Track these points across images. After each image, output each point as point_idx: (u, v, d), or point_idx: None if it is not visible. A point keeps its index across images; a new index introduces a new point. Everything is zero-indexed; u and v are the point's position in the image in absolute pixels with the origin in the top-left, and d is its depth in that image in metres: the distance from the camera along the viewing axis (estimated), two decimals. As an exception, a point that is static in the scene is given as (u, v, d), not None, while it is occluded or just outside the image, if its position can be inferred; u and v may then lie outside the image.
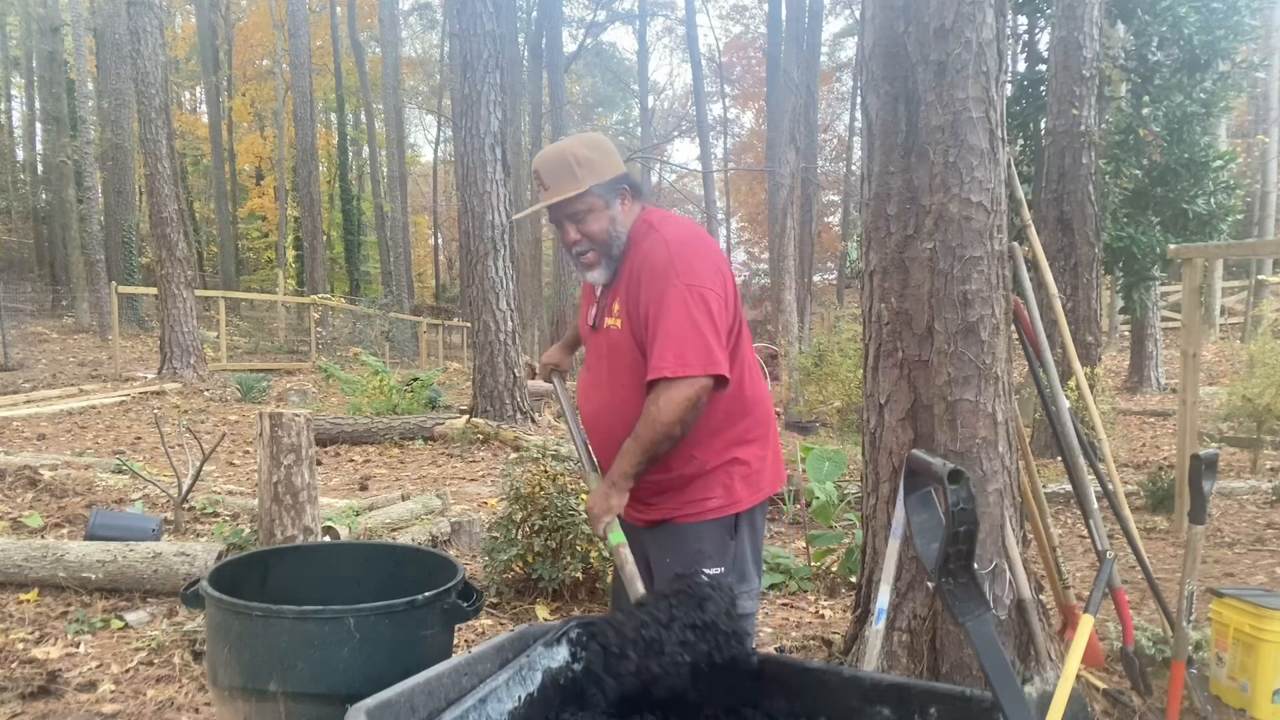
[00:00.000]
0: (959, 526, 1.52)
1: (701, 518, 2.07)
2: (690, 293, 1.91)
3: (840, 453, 5.32)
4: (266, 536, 3.56)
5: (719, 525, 2.08)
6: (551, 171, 2.06)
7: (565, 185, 2.03)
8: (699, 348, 1.89)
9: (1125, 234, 9.10)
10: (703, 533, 2.08)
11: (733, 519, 2.09)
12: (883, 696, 1.55)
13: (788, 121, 16.67)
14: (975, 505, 1.54)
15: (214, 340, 16.17)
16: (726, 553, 2.09)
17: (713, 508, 2.07)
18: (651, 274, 1.97)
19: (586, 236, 2.06)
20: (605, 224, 2.06)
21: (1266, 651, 2.89)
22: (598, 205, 2.05)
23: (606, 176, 2.05)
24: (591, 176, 2.04)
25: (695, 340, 1.89)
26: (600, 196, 2.04)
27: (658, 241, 2.01)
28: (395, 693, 1.40)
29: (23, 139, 29.53)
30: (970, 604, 1.58)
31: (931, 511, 1.72)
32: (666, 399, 1.89)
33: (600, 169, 2.05)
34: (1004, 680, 1.51)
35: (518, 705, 1.60)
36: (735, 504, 2.09)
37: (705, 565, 2.05)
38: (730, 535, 2.09)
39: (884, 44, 2.76)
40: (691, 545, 2.08)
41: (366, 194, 33.07)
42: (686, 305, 1.90)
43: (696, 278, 1.94)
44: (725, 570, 2.08)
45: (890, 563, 2.61)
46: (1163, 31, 9.07)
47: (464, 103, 9.70)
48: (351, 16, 28.65)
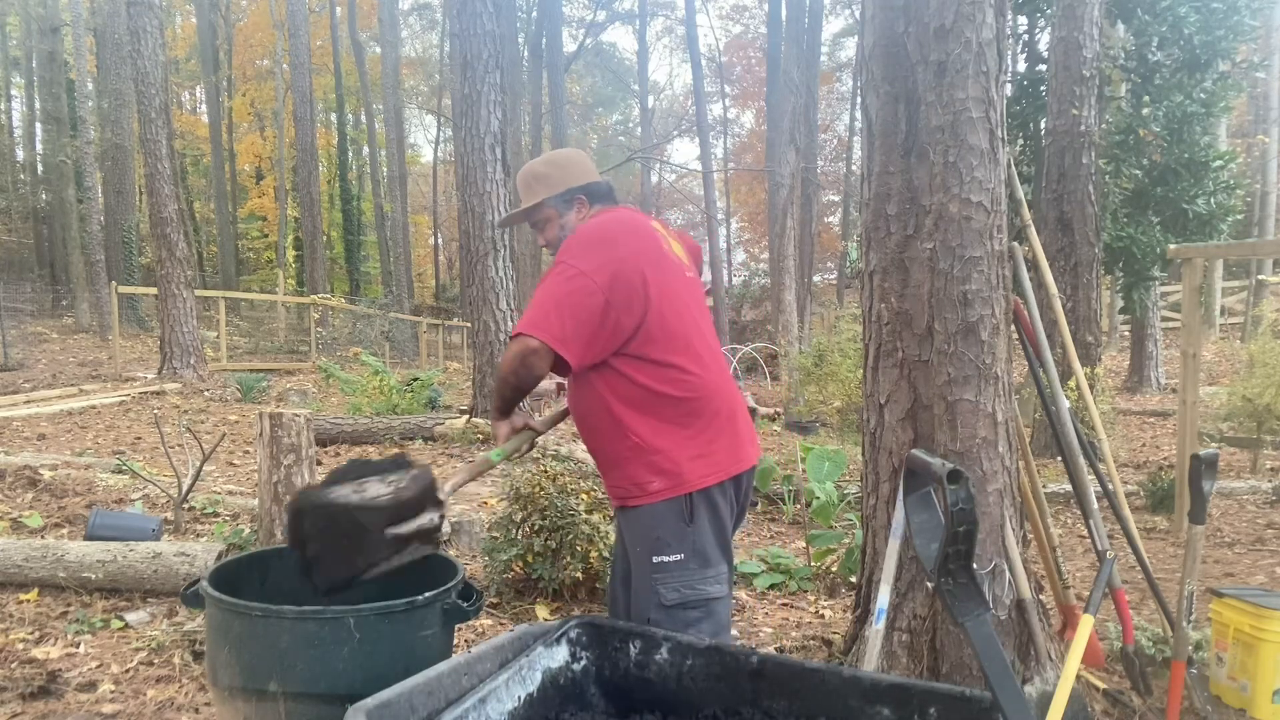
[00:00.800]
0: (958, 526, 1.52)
1: (650, 499, 2.12)
2: (563, 270, 2.09)
3: (840, 453, 5.32)
4: (266, 536, 3.56)
5: (670, 508, 2.12)
6: (522, 185, 2.39)
7: (524, 198, 2.36)
8: (541, 314, 2.05)
9: (1125, 234, 9.10)
10: (656, 517, 2.12)
11: (685, 500, 2.11)
12: (882, 697, 1.55)
13: (788, 121, 16.66)
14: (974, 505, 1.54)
15: (214, 340, 16.17)
16: (684, 539, 2.11)
17: (657, 490, 2.11)
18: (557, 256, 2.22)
19: (547, 242, 2.36)
20: (555, 231, 2.34)
21: (1266, 651, 2.89)
22: (551, 215, 2.34)
23: (559, 189, 2.32)
24: (544, 190, 2.33)
25: (542, 307, 2.05)
26: (553, 207, 2.33)
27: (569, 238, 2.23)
28: (395, 693, 1.40)
29: (23, 139, 29.53)
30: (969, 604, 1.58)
31: (931, 512, 1.72)
32: (506, 350, 2.11)
33: (554, 183, 2.33)
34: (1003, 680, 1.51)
35: (517, 705, 1.60)
36: (685, 484, 2.12)
37: (664, 553, 2.11)
38: (685, 520, 2.12)
39: (884, 44, 2.76)
40: (649, 531, 2.13)
41: (366, 194, 33.07)
42: (556, 281, 2.08)
43: (578, 262, 2.09)
44: (685, 556, 2.11)
45: (890, 563, 2.61)
46: (1163, 31, 9.08)
47: (464, 103, 9.70)
48: (351, 16, 28.65)
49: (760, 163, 28.66)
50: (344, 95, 30.75)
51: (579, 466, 4.65)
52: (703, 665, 1.77)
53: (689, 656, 1.79)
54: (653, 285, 2.12)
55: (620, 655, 1.82)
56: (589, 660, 1.81)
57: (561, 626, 1.79)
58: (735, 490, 2.22)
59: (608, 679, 1.81)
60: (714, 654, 1.77)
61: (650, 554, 2.12)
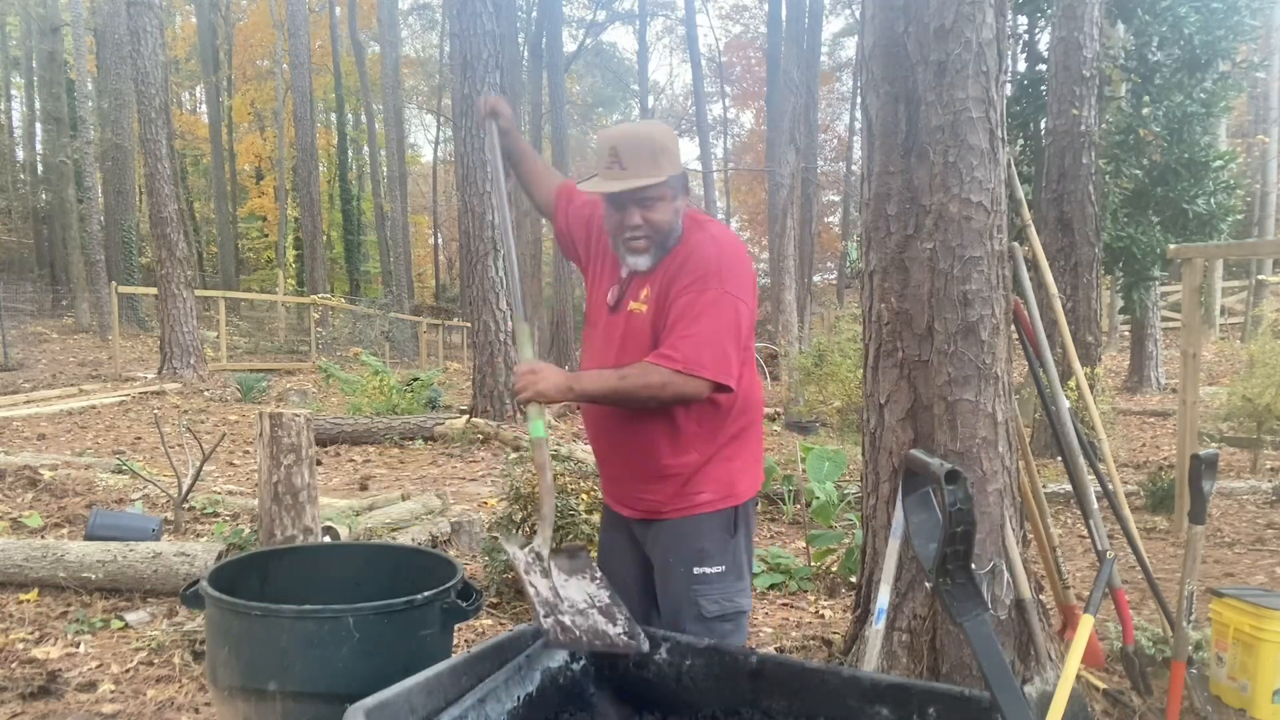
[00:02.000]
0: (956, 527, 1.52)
1: (697, 511, 2.06)
2: (726, 300, 1.94)
3: (840, 453, 5.32)
4: (266, 536, 3.55)
5: (718, 520, 2.06)
6: (633, 153, 2.02)
7: (646, 170, 2.00)
8: (717, 354, 1.92)
9: (1125, 234, 9.10)
10: (702, 529, 2.06)
11: (732, 513, 2.08)
12: (882, 696, 1.55)
13: (788, 121, 16.66)
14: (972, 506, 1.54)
15: (214, 340, 16.17)
16: (727, 550, 2.07)
17: (706, 501, 2.06)
18: (695, 269, 1.99)
19: (649, 223, 2.04)
20: (670, 215, 2.05)
21: (1266, 651, 2.89)
22: (668, 195, 2.05)
23: (679, 168, 2.08)
24: (671, 167, 2.04)
25: (716, 346, 1.92)
26: (672, 188, 2.05)
27: (708, 240, 2.04)
28: (394, 693, 1.40)
29: (23, 139, 29.53)
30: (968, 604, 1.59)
31: (930, 512, 1.73)
32: (666, 382, 1.91)
33: (676, 161, 2.07)
34: (1002, 680, 1.51)
35: (517, 705, 1.60)
36: (733, 497, 2.08)
37: (706, 564, 2.04)
38: (730, 532, 2.08)
39: (884, 44, 2.76)
40: (692, 544, 2.06)
41: (366, 194, 33.06)
42: (719, 310, 1.93)
43: (736, 287, 1.97)
44: (726, 569, 2.06)
45: (890, 563, 2.61)
46: (1163, 31, 9.07)
47: (464, 103, 9.70)
48: (351, 16, 28.64)
49: (760, 163, 28.66)
50: (344, 95, 30.75)
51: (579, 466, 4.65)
52: (702, 665, 1.77)
53: (688, 656, 1.79)
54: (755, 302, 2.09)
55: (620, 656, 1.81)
56: (588, 660, 1.81)
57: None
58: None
59: (607, 679, 1.81)
60: (713, 654, 1.77)
61: (691, 565, 2.05)
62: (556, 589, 1.82)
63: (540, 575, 1.85)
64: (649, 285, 2.06)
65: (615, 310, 2.14)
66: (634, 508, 2.16)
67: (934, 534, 1.68)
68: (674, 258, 2.05)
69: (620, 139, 2.04)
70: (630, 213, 2.03)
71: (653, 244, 2.06)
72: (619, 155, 2.02)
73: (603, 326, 2.19)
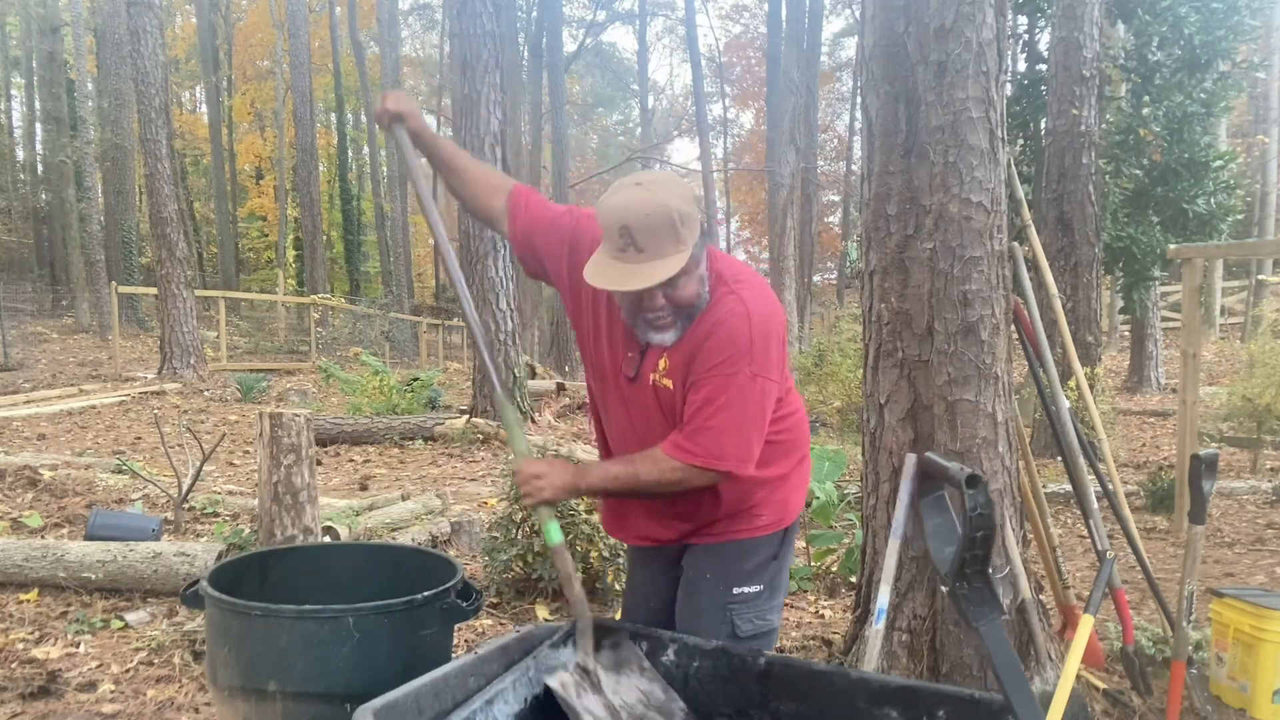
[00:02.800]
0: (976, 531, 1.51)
1: (754, 534, 1.98)
2: (754, 385, 1.76)
3: (840, 453, 5.31)
4: (266, 536, 3.56)
5: (770, 541, 2.01)
6: (650, 231, 1.68)
7: (668, 249, 1.69)
8: (739, 446, 1.78)
9: (1125, 234, 9.10)
10: (752, 550, 1.99)
11: (782, 534, 2.03)
12: (891, 698, 1.55)
13: (788, 121, 16.66)
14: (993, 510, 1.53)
15: (214, 340, 16.17)
16: (768, 571, 2.01)
17: (763, 525, 1.98)
18: (725, 348, 1.76)
19: (673, 303, 1.75)
20: (696, 287, 1.77)
21: (1266, 651, 2.89)
22: (692, 268, 1.74)
23: (698, 230, 1.74)
24: (692, 236, 1.72)
25: (739, 438, 1.78)
26: (695, 258, 1.74)
27: (739, 313, 1.77)
28: (402, 693, 1.40)
29: (23, 139, 29.53)
30: (983, 608, 1.58)
31: (945, 515, 1.72)
32: (683, 475, 1.78)
33: (696, 222, 1.73)
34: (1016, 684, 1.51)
35: (524, 707, 1.59)
36: (787, 517, 2.03)
37: (745, 583, 1.97)
38: (775, 554, 2.02)
39: (884, 44, 2.76)
40: (736, 562, 1.98)
41: (366, 194, 33.05)
42: (745, 398, 1.76)
43: (765, 368, 1.78)
44: (762, 589, 1.99)
45: (890, 563, 2.61)
46: (1163, 31, 9.08)
47: (464, 103, 9.70)
48: (351, 16, 28.63)
49: (760, 163, 28.65)
50: (344, 95, 30.73)
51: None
52: (710, 667, 1.76)
53: (696, 658, 1.78)
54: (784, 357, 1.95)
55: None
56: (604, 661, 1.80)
57: (568, 627, 1.78)
58: None
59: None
60: (721, 655, 1.76)
61: (731, 585, 1.97)
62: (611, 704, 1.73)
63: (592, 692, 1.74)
64: (666, 354, 1.84)
65: (635, 381, 1.92)
66: (677, 532, 2.02)
67: (950, 537, 1.68)
68: (700, 325, 1.80)
69: (631, 215, 1.68)
70: (653, 297, 1.74)
71: (678, 318, 1.79)
72: (633, 236, 1.68)
73: (623, 393, 1.96)
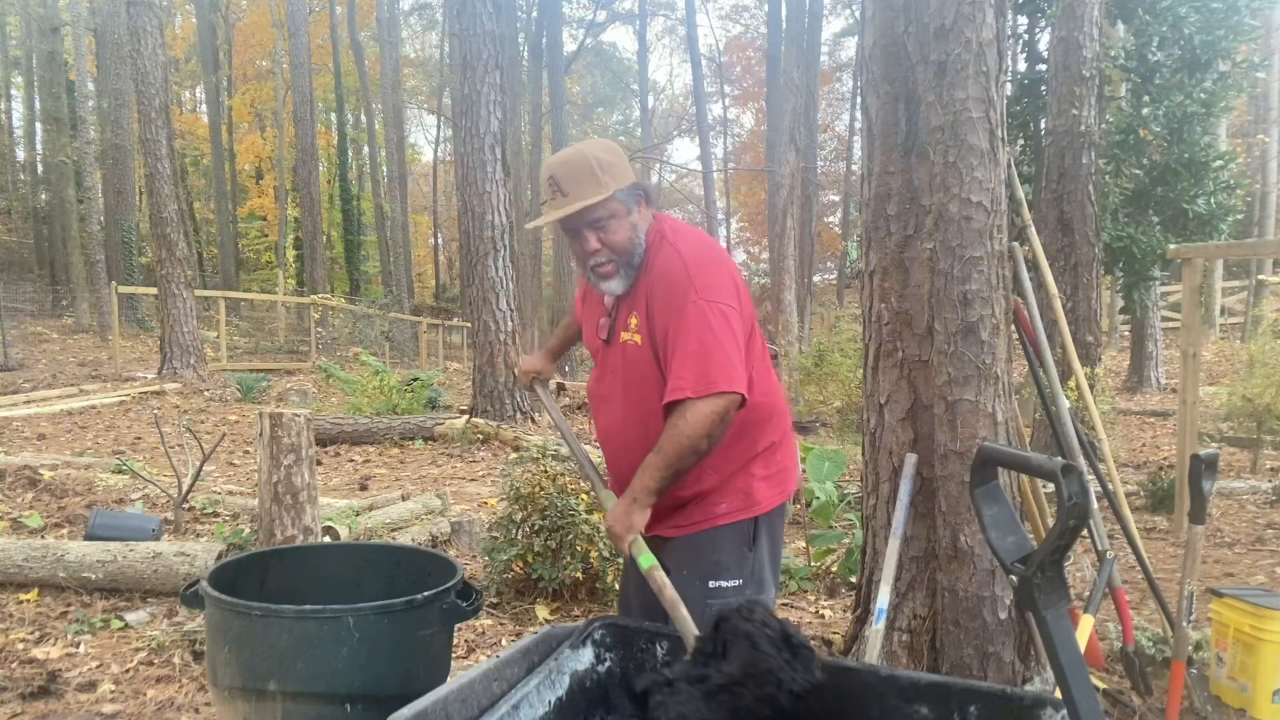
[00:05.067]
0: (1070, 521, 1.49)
1: (714, 523, 2.00)
2: (710, 309, 1.86)
3: (840, 453, 5.31)
4: (266, 536, 3.56)
5: (735, 532, 2.01)
6: (571, 176, 1.94)
7: (588, 191, 1.92)
8: (721, 363, 1.84)
9: (1125, 234, 9.10)
10: (719, 541, 2.01)
11: (750, 524, 2.02)
12: (921, 695, 1.53)
13: (788, 121, 16.65)
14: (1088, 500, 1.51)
15: (214, 340, 16.17)
16: (745, 563, 2.01)
17: (724, 513, 2.00)
18: (668, 291, 1.91)
19: (608, 246, 1.96)
20: (628, 231, 1.96)
21: (1266, 651, 2.89)
22: (620, 211, 1.95)
23: (626, 182, 1.97)
24: (614, 181, 1.94)
25: (717, 356, 1.84)
26: (623, 202, 1.96)
27: (672, 256, 1.94)
28: (430, 701, 1.40)
29: (23, 139, 29.53)
30: (1054, 596, 1.56)
31: (1003, 504, 1.69)
32: (693, 414, 1.83)
33: (620, 174, 1.97)
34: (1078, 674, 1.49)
35: (548, 710, 1.59)
36: (754, 507, 2.02)
37: (722, 578, 1.99)
38: (748, 545, 2.02)
39: (884, 44, 2.76)
40: (708, 556, 2.00)
41: (366, 194, 33.05)
42: (706, 321, 1.85)
43: (714, 293, 1.88)
44: (743, 583, 2.00)
45: (890, 563, 2.62)
46: (1163, 31, 9.07)
47: (464, 103, 9.71)
48: (351, 16, 28.64)
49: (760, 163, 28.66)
50: (344, 95, 30.73)
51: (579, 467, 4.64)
52: None
53: None
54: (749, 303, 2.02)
55: (646, 656, 1.79)
56: (613, 662, 1.79)
57: (586, 628, 1.77)
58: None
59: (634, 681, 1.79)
60: None
61: (706, 578, 1.99)
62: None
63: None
64: (634, 312, 1.99)
65: (609, 343, 2.07)
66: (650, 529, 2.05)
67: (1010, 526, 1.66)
68: (644, 277, 1.98)
69: (557, 166, 1.96)
70: (586, 238, 1.96)
71: (620, 266, 1.98)
72: (558, 183, 1.95)
73: (603, 359, 2.12)
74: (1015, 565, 1.59)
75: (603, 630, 1.76)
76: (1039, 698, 1.45)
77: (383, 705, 2.01)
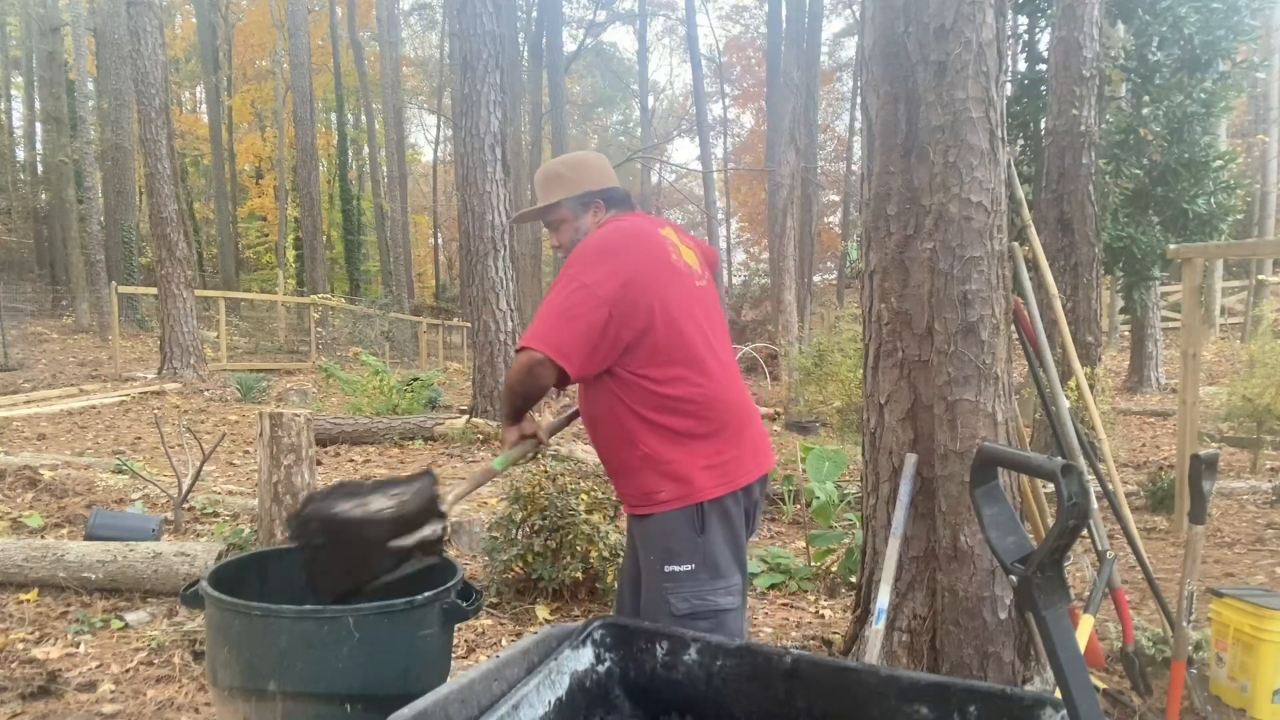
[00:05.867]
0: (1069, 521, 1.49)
1: (660, 508, 2.12)
2: (571, 283, 2.08)
3: (840, 453, 5.32)
4: (266, 536, 3.56)
5: (680, 517, 2.11)
6: (541, 182, 2.36)
7: (541, 197, 2.34)
8: (546, 327, 2.05)
9: (1125, 234, 9.10)
10: (666, 527, 2.12)
11: (695, 510, 2.10)
12: (921, 695, 1.53)
13: (788, 121, 16.66)
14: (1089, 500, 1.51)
15: (214, 340, 16.17)
16: (696, 549, 2.10)
17: (665, 500, 2.11)
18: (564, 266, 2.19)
19: (560, 244, 2.35)
20: (570, 234, 2.31)
21: (1266, 651, 2.89)
22: (568, 217, 2.31)
23: (577, 191, 2.30)
24: (562, 191, 2.31)
25: (546, 319, 2.06)
26: (569, 209, 2.31)
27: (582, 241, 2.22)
28: (430, 701, 1.40)
29: (23, 139, 29.51)
30: (1054, 596, 1.56)
31: (1003, 504, 1.70)
32: (516, 360, 2.10)
33: (572, 184, 2.31)
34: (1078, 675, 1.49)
35: (548, 710, 1.59)
36: (697, 493, 2.10)
37: (674, 562, 2.10)
38: (696, 530, 2.11)
39: (884, 44, 2.76)
40: (660, 541, 2.13)
41: (366, 194, 33.06)
42: (562, 293, 2.08)
43: (583, 274, 2.09)
44: (695, 567, 2.10)
45: (890, 563, 2.62)
46: (1163, 31, 9.07)
47: (464, 103, 9.70)
48: (351, 16, 28.64)
49: (760, 163, 28.66)
50: (344, 95, 30.73)
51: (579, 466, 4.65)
52: (734, 666, 1.74)
53: (719, 657, 1.76)
54: (657, 297, 2.10)
55: (646, 656, 1.79)
56: (613, 662, 1.79)
57: (586, 628, 1.77)
58: (746, 499, 2.20)
59: (633, 680, 1.78)
60: (745, 654, 1.74)
61: (662, 563, 2.12)
62: None
63: None
64: None
65: None
66: (624, 503, 2.28)
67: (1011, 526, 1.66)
68: None
69: (538, 174, 2.37)
70: (551, 236, 2.40)
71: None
72: (536, 187, 2.38)
73: None
74: (1015, 565, 1.59)
75: (603, 630, 1.76)
76: (1039, 698, 1.44)
77: (383, 705, 2.02)
